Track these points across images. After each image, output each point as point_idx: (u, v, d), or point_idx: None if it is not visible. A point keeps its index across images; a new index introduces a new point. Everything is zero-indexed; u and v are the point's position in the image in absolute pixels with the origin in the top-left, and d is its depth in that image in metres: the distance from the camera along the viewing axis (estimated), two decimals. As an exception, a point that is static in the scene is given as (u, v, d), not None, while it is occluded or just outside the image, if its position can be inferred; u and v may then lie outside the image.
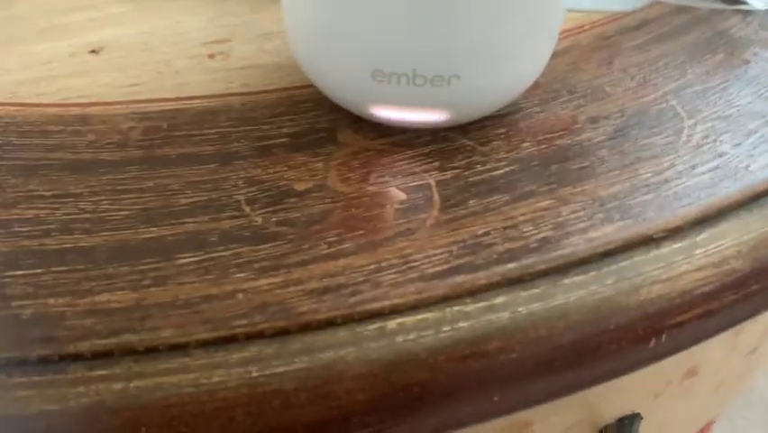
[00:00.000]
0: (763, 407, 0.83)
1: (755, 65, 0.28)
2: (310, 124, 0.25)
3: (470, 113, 0.24)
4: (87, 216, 0.22)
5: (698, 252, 0.21)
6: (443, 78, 0.22)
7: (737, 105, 0.26)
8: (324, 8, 0.22)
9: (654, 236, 0.21)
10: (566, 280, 0.20)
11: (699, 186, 0.23)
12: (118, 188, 0.22)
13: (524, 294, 0.20)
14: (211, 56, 0.28)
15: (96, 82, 0.27)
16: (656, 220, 0.22)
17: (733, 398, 0.44)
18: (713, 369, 0.34)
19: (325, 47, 0.23)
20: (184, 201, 0.22)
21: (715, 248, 0.21)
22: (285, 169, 0.23)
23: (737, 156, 0.24)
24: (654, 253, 0.21)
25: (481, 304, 0.19)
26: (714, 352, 0.31)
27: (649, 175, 0.23)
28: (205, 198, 0.22)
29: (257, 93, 0.27)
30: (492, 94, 0.23)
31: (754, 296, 0.22)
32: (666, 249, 0.21)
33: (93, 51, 0.29)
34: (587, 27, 0.30)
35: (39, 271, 0.20)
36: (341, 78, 0.23)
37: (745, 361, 0.36)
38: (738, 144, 0.24)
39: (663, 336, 0.21)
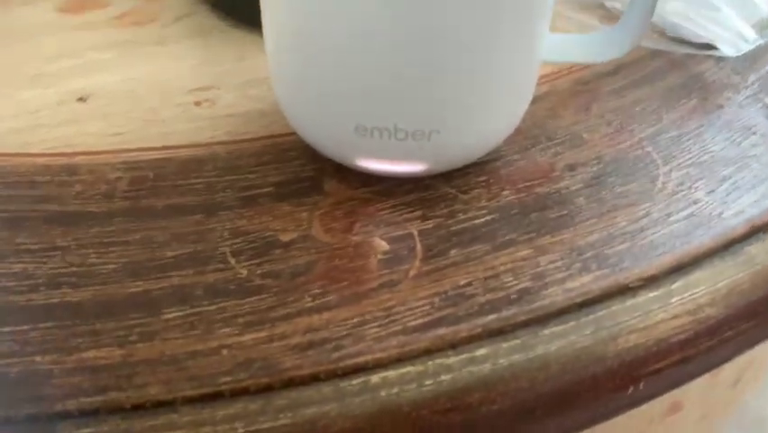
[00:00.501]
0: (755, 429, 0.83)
1: (728, 110, 0.29)
2: (295, 173, 0.26)
3: (451, 163, 0.24)
4: (75, 269, 0.22)
5: (673, 300, 0.22)
6: (423, 133, 0.22)
7: (711, 152, 0.27)
8: (307, 65, 0.22)
9: (631, 285, 0.22)
10: (546, 331, 0.21)
11: (673, 234, 0.23)
12: (105, 240, 0.23)
13: (504, 345, 0.20)
14: (197, 103, 0.29)
15: (82, 131, 0.27)
16: (632, 269, 0.22)
17: (721, 425, 0.44)
18: (696, 403, 0.34)
19: (308, 101, 0.23)
20: (170, 254, 0.22)
21: (690, 296, 0.22)
22: (270, 219, 0.24)
23: (711, 203, 0.25)
24: (631, 301, 0.22)
25: (463, 356, 0.20)
26: (695, 388, 0.32)
27: (625, 223, 0.24)
28: (191, 250, 0.23)
29: (242, 141, 0.27)
30: (472, 146, 0.24)
31: (729, 341, 0.23)
32: (642, 298, 0.22)
33: (80, 99, 0.29)
34: (564, 72, 0.31)
35: (26, 327, 0.20)
36: (324, 132, 0.24)
37: (728, 391, 0.37)
38: (712, 191, 0.25)
39: (641, 384, 0.21)
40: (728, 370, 0.34)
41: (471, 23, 0.21)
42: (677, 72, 0.31)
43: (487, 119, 0.23)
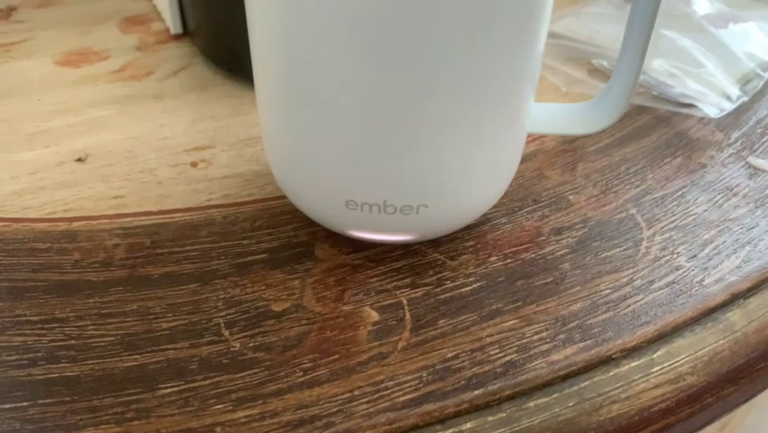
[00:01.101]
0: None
1: (711, 169, 0.30)
2: (288, 238, 0.26)
3: (439, 233, 0.25)
4: (73, 342, 0.23)
5: (654, 369, 0.22)
6: (411, 208, 0.23)
7: (694, 214, 0.27)
8: (296, 142, 0.23)
9: (613, 356, 0.23)
10: (530, 404, 0.21)
11: (655, 302, 0.24)
12: (103, 311, 0.23)
13: (490, 419, 0.21)
14: (194, 164, 0.30)
15: (81, 194, 0.28)
16: (615, 340, 0.23)
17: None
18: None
19: (299, 175, 0.24)
20: (165, 325, 0.23)
21: (671, 365, 0.23)
22: (263, 288, 0.24)
23: (692, 270, 0.25)
24: (614, 372, 0.22)
25: (450, 431, 0.21)
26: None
27: (608, 291, 0.24)
28: (186, 321, 0.23)
29: (237, 204, 0.28)
30: (459, 217, 0.24)
31: (710, 407, 0.23)
32: (625, 368, 0.22)
33: (79, 160, 0.30)
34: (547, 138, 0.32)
35: (26, 404, 0.21)
36: (315, 204, 0.24)
37: (715, 436, 0.38)
38: (694, 256, 0.26)
39: (624, 453, 0.22)
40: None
41: (457, 103, 0.21)
42: (662, 129, 0.32)
43: (474, 192, 0.24)
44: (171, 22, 0.37)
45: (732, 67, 0.34)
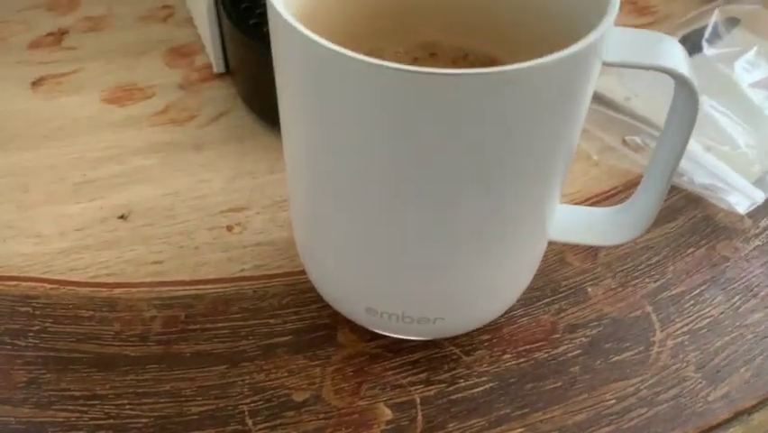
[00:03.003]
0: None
1: (734, 264, 0.30)
2: (312, 319, 0.28)
3: (456, 335, 0.26)
4: (112, 421, 0.25)
5: (650, 487, 0.24)
6: (429, 319, 0.24)
7: (709, 317, 0.28)
8: (322, 249, 0.24)
9: (611, 474, 0.24)
10: None
11: (658, 417, 0.25)
12: (139, 390, 0.25)
13: None
14: (229, 228, 0.31)
15: (123, 256, 0.30)
16: (614, 457, 0.24)
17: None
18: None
19: (323, 276, 0.25)
20: (195, 410, 0.25)
21: (666, 484, 0.24)
22: (286, 375, 0.26)
23: (700, 382, 0.26)
24: (610, 488, 0.24)
25: None
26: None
27: (614, 402, 0.25)
28: (214, 407, 0.25)
29: (267, 277, 0.29)
30: (475, 324, 0.26)
31: None
32: (621, 485, 0.24)
33: (122, 217, 0.32)
34: (577, 200, 0.32)
35: (68, 485, 0.23)
36: (338, 302, 0.26)
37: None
38: (703, 367, 0.26)
39: None
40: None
41: (476, 231, 0.22)
42: (691, 211, 0.32)
43: (491, 304, 0.25)
44: (214, 60, 0.38)
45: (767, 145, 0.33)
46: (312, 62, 0.18)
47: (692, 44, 0.39)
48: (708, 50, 0.38)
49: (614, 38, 0.19)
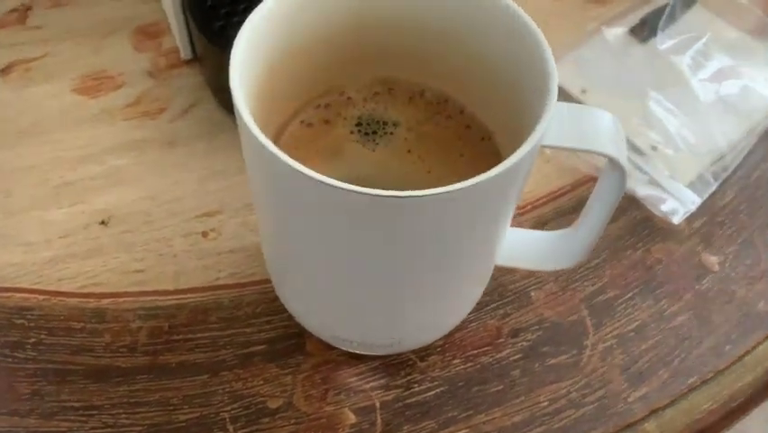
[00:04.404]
0: None
1: (665, 267, 0.33)
2: (284, 328, 0.31)
3: (414, 349, 0.30)
4: (110, 430, 0.28)
5: (573, 478, 0.28)
6: (388, 344, 0.27)
7: (638, 321, 0.32)
8: (289, 283, 0.27)
9: (540, 470, 0.28)
10: (467, 508, 0.27)
11: (584, 418, 0.29)
12: (131, 400, 0.29)
13: None
14: (204, 234, 0.33)
15: (107, 265, 0.32)
16: (543, 456, 0.28)
17: None
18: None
19: (291, 304, 0.28)
20: (182, 418, 0.28)
21: (587, 475, 0.28)
22: (261, 383, 0.29)
23: (622, 384, 0.30)
24: (539, 481, 0.28)
25: None
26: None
27: (547, 403, 0.29)
28: (198, 414, 0.29)
29: (242, 285, 0.32)
30: (431, 340, 0.29)
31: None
32: (548, 478, 0.28)
33: (102, 223, 0.34)
34: (528, 208, 0.35)
35: (76, 490, 0.27)
36: (306, 324, 0.29)
37: None
38: (627, 369, 0.30)
39: None
40: None
41: (431, 275, 0.25)
42: (632, 211, 0.35)
43: (444, 323, 0.28)
44: (181, 46, 0.39)
45: (708, 144, 0.35)
46: (271, 173, 0.20)
47: (650, 29, 0.40)
48: (661, 38, 0.39)
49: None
